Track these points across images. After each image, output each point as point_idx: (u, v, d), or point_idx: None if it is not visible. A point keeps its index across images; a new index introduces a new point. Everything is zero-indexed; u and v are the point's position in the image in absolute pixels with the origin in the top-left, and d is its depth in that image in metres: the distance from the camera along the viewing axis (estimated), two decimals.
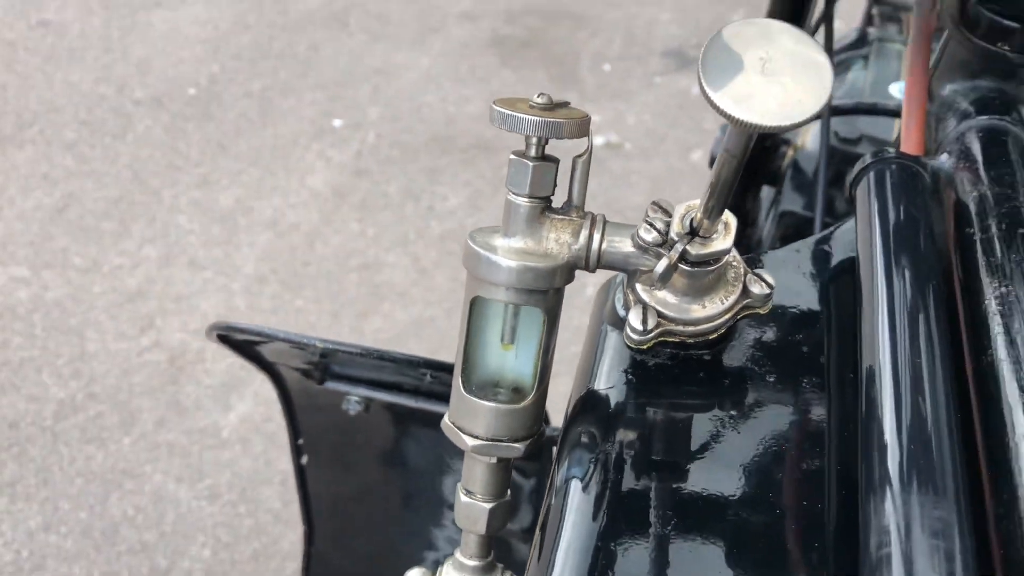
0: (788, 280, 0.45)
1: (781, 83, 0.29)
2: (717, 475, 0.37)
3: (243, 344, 0.64)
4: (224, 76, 2.54)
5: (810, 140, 0.84)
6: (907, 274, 0.39)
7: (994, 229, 0.41)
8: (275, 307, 1.91)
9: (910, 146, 0.50)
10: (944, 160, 0.48)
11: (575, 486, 0.37)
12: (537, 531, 0.36)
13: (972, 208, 0.43)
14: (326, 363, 0.65)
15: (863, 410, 0.34)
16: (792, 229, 0.75)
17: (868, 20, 1.18)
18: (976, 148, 0.47)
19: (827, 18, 0.62)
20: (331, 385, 0.68)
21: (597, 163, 2.25)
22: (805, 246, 0.47)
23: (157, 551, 1.53)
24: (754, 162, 0.74)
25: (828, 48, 0.62)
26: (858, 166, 0.46)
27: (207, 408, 1.73)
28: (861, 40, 1.05)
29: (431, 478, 0.72)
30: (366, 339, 1.86)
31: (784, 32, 0.30)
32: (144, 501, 1.59)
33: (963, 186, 0.45)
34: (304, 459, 0.80)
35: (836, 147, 0.78)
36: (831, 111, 0.72)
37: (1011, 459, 0.32)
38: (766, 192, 0.83)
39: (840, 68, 0.97)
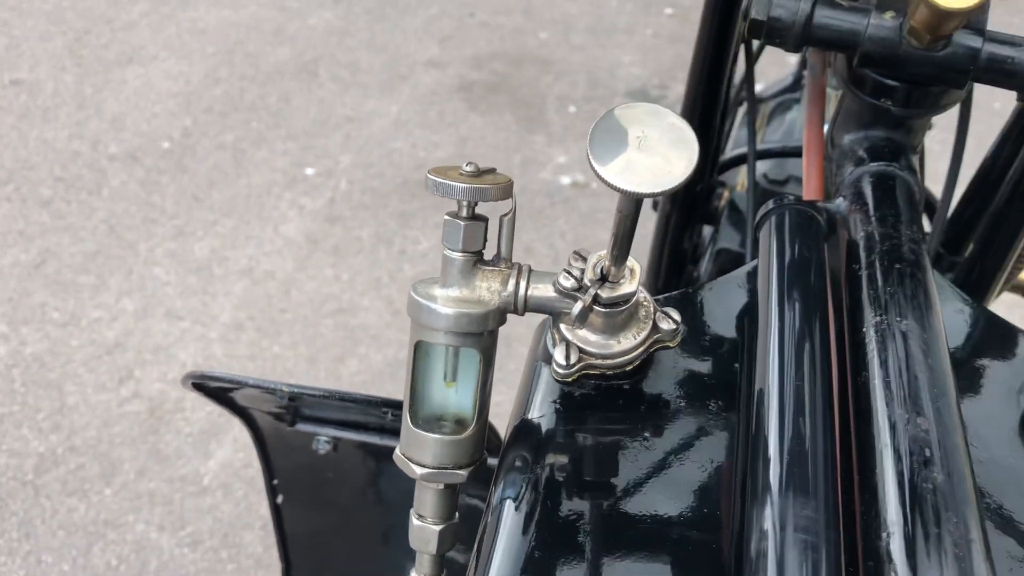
0: (703, 315, 0.51)
1: (655, 157, 0.35)
2: (636, 493, 0.42)
3: (217, 391, 0.69)
4: (197, 129, 2.60)
5: (744, 182, 0.90)
6: (796, 307, 0.45)
7: (876, 265, 0.47)
8: (252, 354, 1.95)
9: (810, 191, 0.56)
10: (840, 203, 0.54)
11: (508, 506, 0.42)
12: (475, 547, 0.41)
13: (860, 246, 0.49)
14: (295, 406, 0.70)
15: (752, 427, 0.40)
16: (728, 265, 0.80)
17: (803, 64, 1.25)
18: (867, 192, 0.53)
19: (748, 77, 0.68)
20: (301, 427, 0.73)
21: (565, 202, 2.32)
22: (718, 284, 0.53)
23: None
24: (691, 205, 0.80)
25: (751, 106, 0.69)
26: (761, 211, 0.52)
27: (187, 456, 1.76)
28: (796, 83, 1.12)
29: (401, 510, 0.77)
30: (343, 382, 1.91)
31: (657, 114, 0.36)
32: (127, 551, 1.62)
33: (854, 226, 0.51)
34: (279, 498, 0.85)
35: (766, 188, 0.84)
36: (758, 155, 0.78)
37: (874, 463, 0.37)
38: (708, 231, 0.89)
39: (778, 110, 1.04)
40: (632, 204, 0.38)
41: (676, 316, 0.45)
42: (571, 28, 3.07)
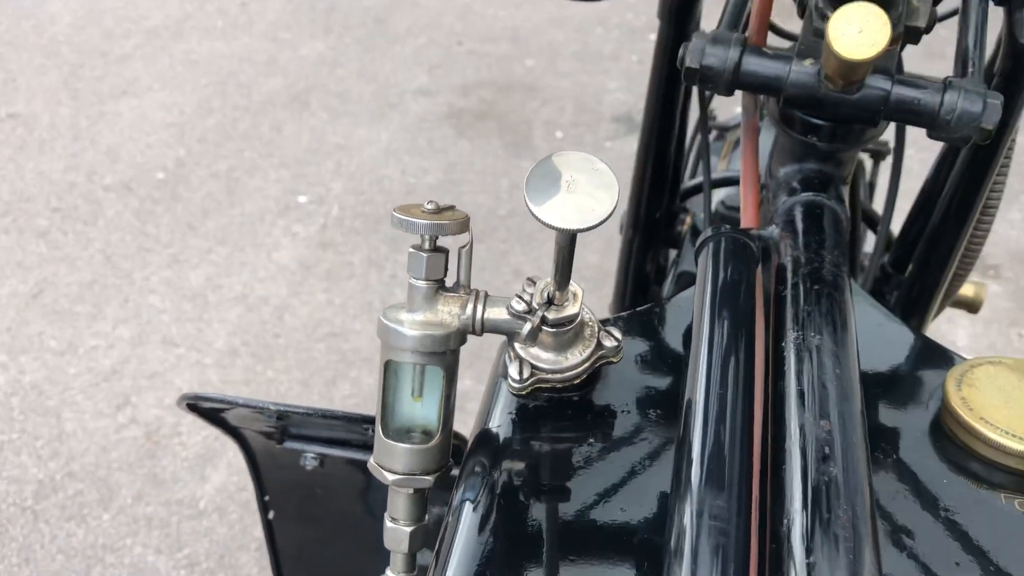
0: (652, 332, 0.56)
1: (583, 197, 0.41)
2: (583, 495, 0.48)
3: (209, 411, 0.74)
4: (191, 159, 2.66)
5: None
6: (725, 324, 0.51)
7: (799, 285, 0.53)
8: (247, 379, 2.00)
9: (747, 220, 0.62)
10: (772, 230, 0.60)
11: (468, 507, 0.47)
12: (437, 545, 0.47)
13: (788, 269, 0.55)
14: (283, 424, 0.76)
15: (680, 432, 0.45)
16: (689, 286, 0.86)
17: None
18: (796, 219, 0.59)
19: (702, 116, 0.74)
20: (289, 444, 0.78)
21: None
22: (667, 305, 0.59)
23: None
24: (652, 231, 0.85)
25: (704, 140, 0.75)
26: (700, 239, 0.58)
27: (184, 480, 1.81)
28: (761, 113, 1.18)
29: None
30: (336, 404, 1.96)
31: (587, 160, 0.42)
32: (124, 574, 1.66)
33: (784, 251, 0.57)
34: (271, 514, 0.90)
35: (725, 214, 0.90)
36: (716, 183, 0.84)
37: (783, 461, 0.43)
38: (673, 254, 0.95)
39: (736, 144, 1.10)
40: (566, 238, 0.44)
41: (617, 334, 0.51)
42: (558, 55, 3.15)
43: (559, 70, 3.07)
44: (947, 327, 2.16)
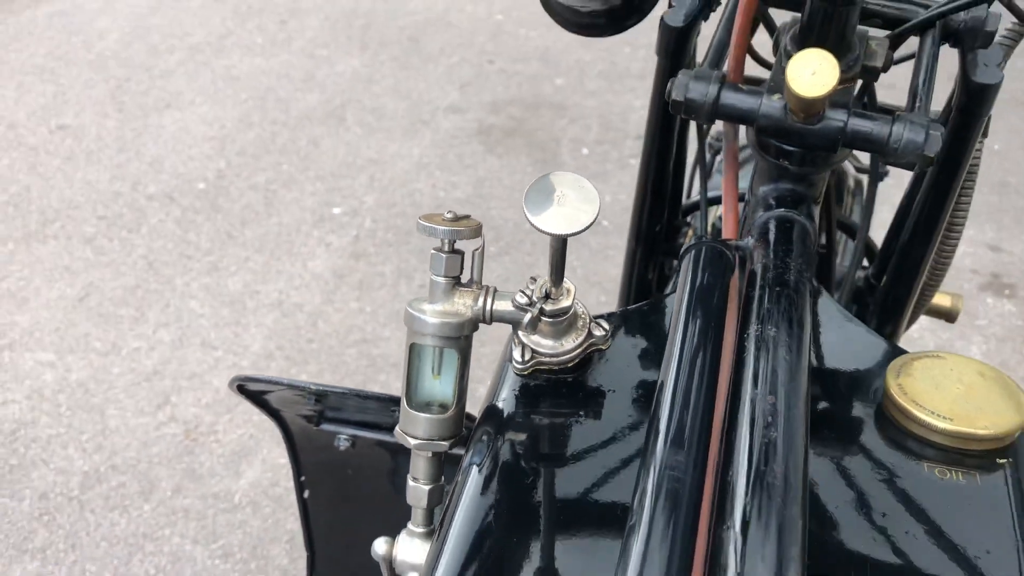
0: (639, 326, 0.66)
1: (570, 209, 0.51)
2: (574, 461, 0.58)
3: (255, 394, 0.85)
4: (231, 171, 2.80)
5: (714, 223, 1.06)
6: (698, 320, 0.60)
7: (765, 288, 0.63)
8: None
9: (727, 231, 0.72)
10: (748, 241, 0.69)
11: (474, 469, 0.57)
12: (447, 501, 0.57)
13: (757, 275, 0.65)
14: (320, 408, 0.86)
15: (653, 408, 0.55)
16: None
17: None
18: (769, 232, 0.69)
19: (700, 142, 0.84)
20: (324, 426, 0.89)
21: (578, 240, 2.49)
22: (651, 305, 0.69)
23: None
24: (652, 243, 0.95)
25: (703, 163, 0.84)
26: (684, 248, 0.68)
27: (220, 475, 1.92)
28: None
29: None
30: None
31: (576, 179, 0.52)
32: (164, 561, 1.78)
33: (756, 259, 0.67)
34: (306, 493, 1.01)
35: (720, 228, 0.99)
36: (712, 201, 0.94)
37: (735, 427, 0.52)
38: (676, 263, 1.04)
39: (744, 163, 1.19)
40: (558, 242, 0.54)
41: (606, 325, 0.61)
42: (585, 74, 3.25)
43: (587, 89, 3.18)
44: (960, 344, 2.23)
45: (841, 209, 1.22)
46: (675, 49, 0.79)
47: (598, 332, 0.61)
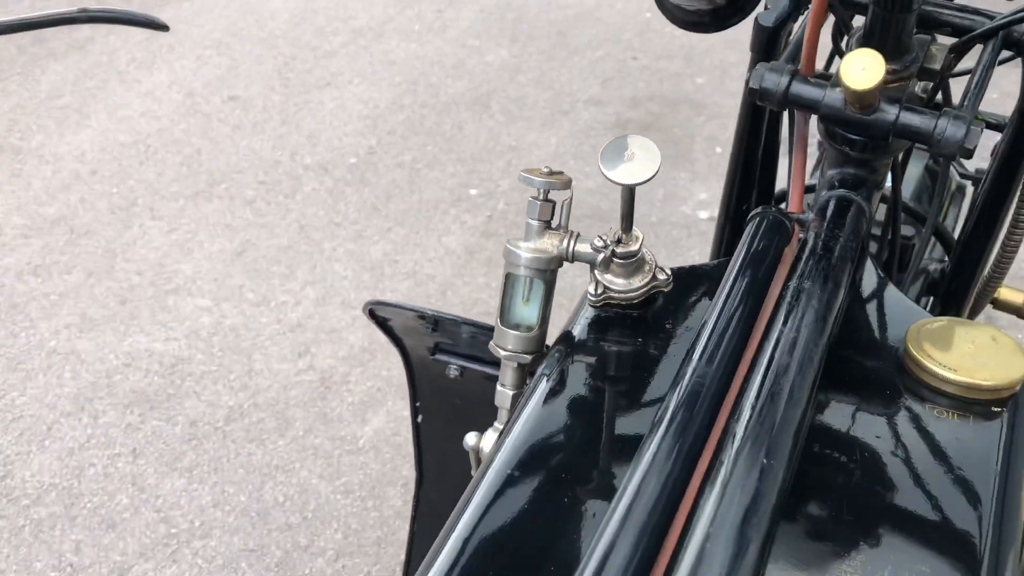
0: (697, 278, 0.79)
1: (637, 165, 0.65)
2: (627, 381, 0.71)
3: (382, 320, 1.01)
4: (380, 148, 3.03)
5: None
6: (746, 276, 0.72)
7: (812, 253, 0.74)
8: None
9: (792, 206, 0.83)
10: (808, 215, 0.81)
11: (544, 379, 0.71)
12: (520, 402, 0.71)
13: (808, 242, 0.77)
14: (437, 338, 1.02)
15: (697, 335, 0.68)
16: None
17: None
18: (827, 208, 0.80)
19: (789, 128, 0.96)
20: (439, 356, 1.05)
21: (701, 235, 2.58)
22: (719, 264, 0.81)
23: (300, 531, 1.92)
24: (740, 220, 1.06)
25: (791, 151, 0.96)
26: (750, 214, 0.80)
27: (348, 421, 2.14)
28: None
29: None
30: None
31: (643, 141, 0.66)
32: (292, 491, 2.00)
33: (810, 231, 0.78)
34: (420, 418, 1.17)
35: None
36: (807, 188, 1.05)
37: (759, 356, 0.65)
38: None
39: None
40: (627, 192, 0.68)
41: (668, 271, 0.74)
42: (727, 75, 3.33)
43: (727, 89, 3.26)
44: None
45: (942, 211, 1.29)
46: (766, 46, 0.91)
47: (661, 276, 0.74)
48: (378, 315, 1.01)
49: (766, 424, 0.58)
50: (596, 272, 0.75)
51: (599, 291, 0.74)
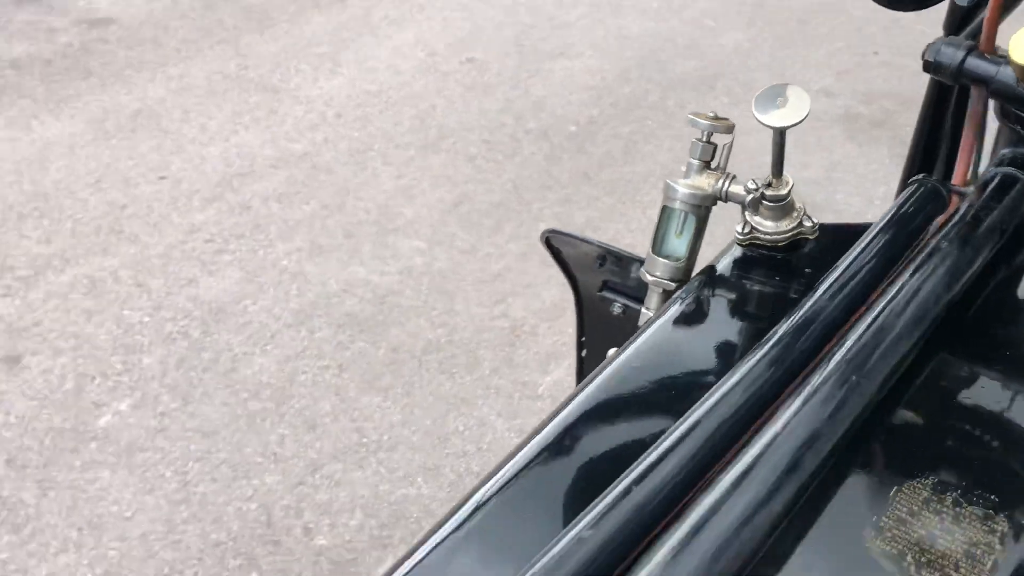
0: (846, 233, 0.84)
1: (788, 111, 0.71)
2: (757, 317, 0.78)
3: (557, 251, 1.12)
4: (601, 119, 3.14)
5: None
6: (887, 234, 0.77)
7: (956, 222, 0.78)
8: None
9: (956, 178, 0.86)
10: (970, 188, 0.84)
11: (676, 304, 0.79)
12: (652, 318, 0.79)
13: (959, 211, 0.80)
14: (606, 274, 1.11)
15: (810, 291, 0.73)
16: None
17: None
18: (990, 184, 0.83)
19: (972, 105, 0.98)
20: (606, 293, 1.14)
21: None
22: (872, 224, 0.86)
23: (473, 459, 2.09)
24: None
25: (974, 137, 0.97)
26: (911, 180, 0.84)
27: (531, 368, 2.28)
28: None
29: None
30: None
31: (794, 88, 0.72)
32: (471, 423, 2.16)
33: (966, 203, 0.82)
34: (584, 352, 1.27)
35: None
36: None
37: (864, 318, 0.69)
38: None
39: None
40: (777, 135, 0.74)
41: (814, 220, 0.80)
42: None
43: None
44: None
45: None
46: (958, 26, 0.94)
47: (808, 223, 0.80)
48: (553, 244, 1.12)
49: (864, 351, 0.64)
50: (746, 213, 0.82)
51: (746, 231, 0.81)
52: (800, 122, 0.72)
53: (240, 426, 2.18)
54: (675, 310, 0.78)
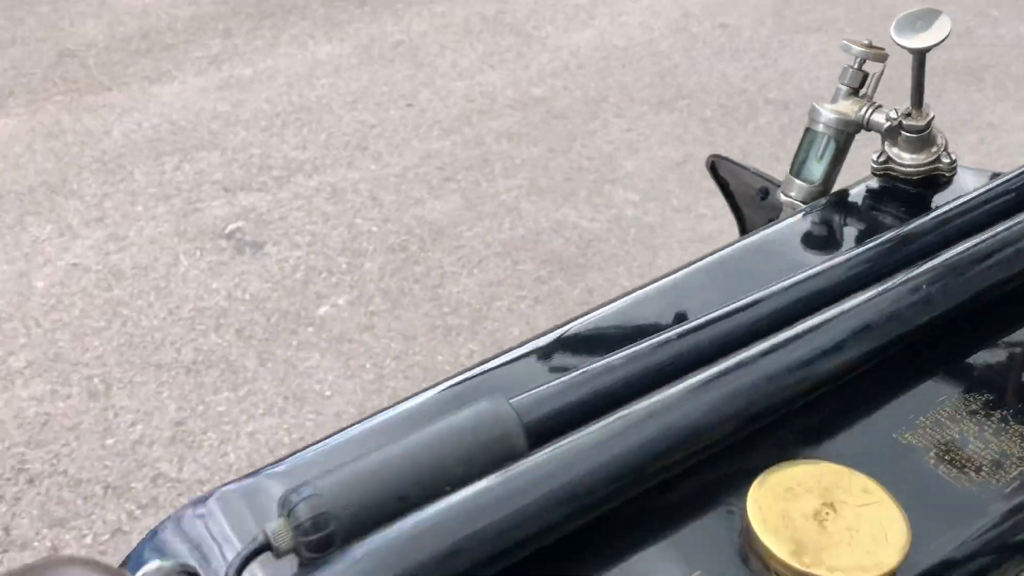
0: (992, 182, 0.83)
1: (926, 34, 0.72)
2: (874, 243, 0.79)
3: (723, 180, 1.16)
4: None
5: None
6: (990, 190, 0.75)
7: None
8: None
9: None
10: None
11: (798, 215, 0.82)
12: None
13: None
14: (768, 211, 1.14)
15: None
16: None
17: None
18: None
19: None
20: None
21: None
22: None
23: None
24: None
25: None
26: None
27: None
28: None
29: None
30: None
31: (933, 12, 0.73)
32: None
33: None
34: None
35: None
36: None
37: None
38: None
39: None
40: (916, 59, 0.76)
41: (953, 157, 0.80)
42: None
43: None
44: None
45: None
46: None
47: (945, 160, 0.81)
48: (719, 172, 1.16)
49: (959, 266, 0.65)
50: (886, 143, 0.83)
51: (882, 160, 0.83)
52: (940, 42, 0.73)
53: (437, 336, 2.36)
54: (793, 219, 0.82)
